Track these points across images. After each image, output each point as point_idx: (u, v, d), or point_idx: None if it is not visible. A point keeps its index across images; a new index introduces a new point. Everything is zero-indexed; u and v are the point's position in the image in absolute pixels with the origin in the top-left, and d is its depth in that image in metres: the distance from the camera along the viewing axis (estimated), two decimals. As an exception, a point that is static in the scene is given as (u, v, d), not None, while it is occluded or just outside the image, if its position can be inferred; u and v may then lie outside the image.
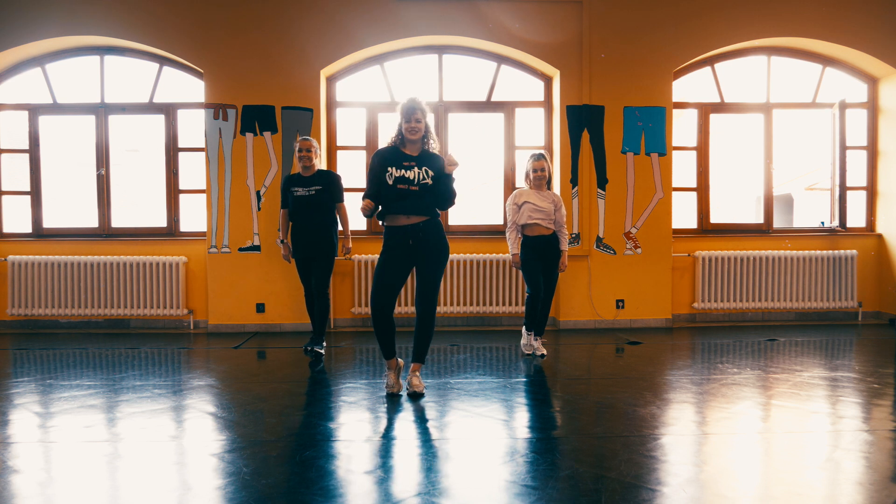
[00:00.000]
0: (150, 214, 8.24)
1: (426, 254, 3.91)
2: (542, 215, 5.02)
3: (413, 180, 3.85)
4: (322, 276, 5.23)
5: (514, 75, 6.97)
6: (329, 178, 5.28)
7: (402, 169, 3.86)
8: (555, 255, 5.12)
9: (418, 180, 3.86)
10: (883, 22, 6.70)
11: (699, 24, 6.63)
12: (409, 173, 3.85)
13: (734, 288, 6.86)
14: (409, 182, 3.84)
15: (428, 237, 3.90)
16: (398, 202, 3.85)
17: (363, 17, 6.46)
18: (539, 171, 5.05)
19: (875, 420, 3.46)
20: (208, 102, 6.48)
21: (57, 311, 6.59)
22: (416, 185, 3.84)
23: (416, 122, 3.91)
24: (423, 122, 3.94)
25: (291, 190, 5.25)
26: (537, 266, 5.06)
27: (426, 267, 3.94)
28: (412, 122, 3.92)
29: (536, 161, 5.07)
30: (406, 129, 3.92)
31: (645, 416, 3.48)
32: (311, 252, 5.21)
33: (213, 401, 3.91)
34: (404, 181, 3.84)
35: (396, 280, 3.90)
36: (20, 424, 3.44)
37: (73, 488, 2.58)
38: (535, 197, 5.06)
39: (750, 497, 2.48)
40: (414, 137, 3.92)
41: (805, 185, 15.67)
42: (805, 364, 4.87)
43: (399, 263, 3.90)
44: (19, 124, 6.90)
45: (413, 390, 3.93)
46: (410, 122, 3.92)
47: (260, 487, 2.54)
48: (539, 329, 5.19)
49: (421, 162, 3.91)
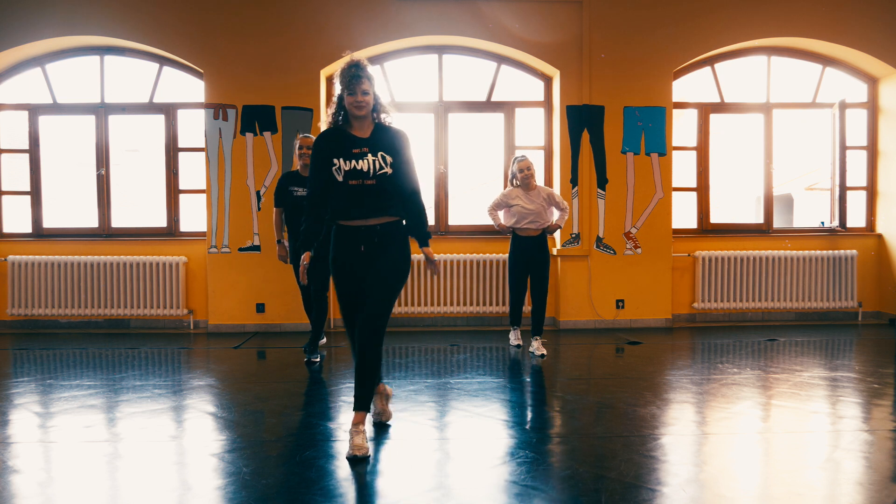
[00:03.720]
0: (150, 214, 8.24)
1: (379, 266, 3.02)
2: (532, 217, 5.17)
3: (368, 172, 2.97)
4: (323, 280, 4.94)
5: (514, 75, 6.97)
6: None
7: (352, 158, 2.97)
8: (542, 255, 5.23)
9: (374, 171, 2.97)
10: (883, 22, 6.70)
11: (699, 23, 6.63)
12: (361, 163, 2.97)
13: (734, 288, 6.86)
14: (363, 175, 2.97)
15: (386, 244, 3.03)
16: (353, 204, 2.98)
17: (363, 17, 6.46)
18: (525, 170, 5.20)
19: (875, 420, 3.46)
20: (208, 102, 6.48)
21: (57, 311, 6.58)
22: (371, 178, 2.97)
23: (362, 95, 2.99)
24: (371, 92, 3.03)
25: (290, 189, 4.97)
26: (522, 269, 5.27)
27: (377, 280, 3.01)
28: (357, 94, 2.98)
29: (521, 162, 5.23)
30: (350, 104, 2.99)
31: (645, 416, 3.48)
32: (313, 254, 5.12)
33: (213, 401, 3.91)
34: (357, 175, 2.97)
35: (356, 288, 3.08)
36: (20, 424, 3.44)
37: (73, 488, 2.58)
38: (524, 199, 5.20)
39: (750, 497, 2.48)
40: (360, 113, 3.01)
41: (805, 185, 15.66)
42: (805, 364, 4.87)
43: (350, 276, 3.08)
44: (19, 124, 6.90)
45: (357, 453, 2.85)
46: (356, 94, 2.98)
47: (260, 487, 2.54)
48: (537, 329, 5.27)
49: (375, 145, 3.01)
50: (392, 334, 6.34)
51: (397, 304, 6.62)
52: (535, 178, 5.24)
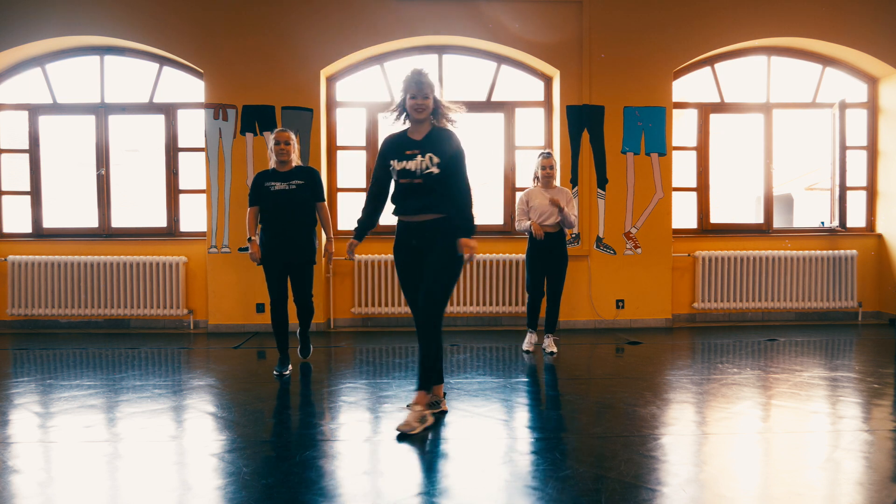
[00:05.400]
0: (150, 214, 8.23)
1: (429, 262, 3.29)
2: (550, 212, 5.14)
3: (415, 171, 3.25)
4: (307, 284, 4.66)
5: (514, 75, 6.97)
6: (310, 173, 4.61)
7: (405, 159, 3.28)
8: (561, 252, 5.20)
9: (421, 170, 3.24)
10: (883, 22, 6.70)
11: (699, 23, 6.63)
12: (410, 164, 3.27)
13: (734, 288, 6.86)
14: (411, 175, 3.27)
15: (434, 239, 3.28)
16: (404, 201, 3.32)
17: (363, 17, 6.46)
18: (547, 168, 5.19)
19: (875, 420, 3.46)
20: (208, 102, 6.48)
21: (57, 311, 6.59)
22: (419, 177, 3.25)
23: (422, 99, 3.27)
24: (431, 97, 3.30)
25: (266, 185, 4.52)
26: (540, 267, 5.22)
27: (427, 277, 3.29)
28: (418, 98, 3.26)
29: (545, 159, 5.22)
30: (410, 106, 3.29)
31: (645, 416, 3.48)
32: (292, 256, 4.55)
33: (213, 401, 3.91)
34: (406, 174, 3.28)
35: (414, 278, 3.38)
36: (20, 424, 3.44)
37: (73, 488, 2.58)
38: (542, 196, 5.18)
39: (750, 497, 2.48)
40: (419, 116, 3.30)
41: (805, 185, 15.66)
42: (805, 364, 4.87)
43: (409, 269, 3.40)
44: (19, 124, 6.89)
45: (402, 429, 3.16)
46: (417, 98, 3.26)
47: (260, 487, 2.54)
48: (550, 327, 5.30)
49: (426, 147, 3.28)
50: (392, 334, 6.34)
51: (398, 305, 6.62)
52: (555, 177, 5.27)
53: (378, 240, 6.73)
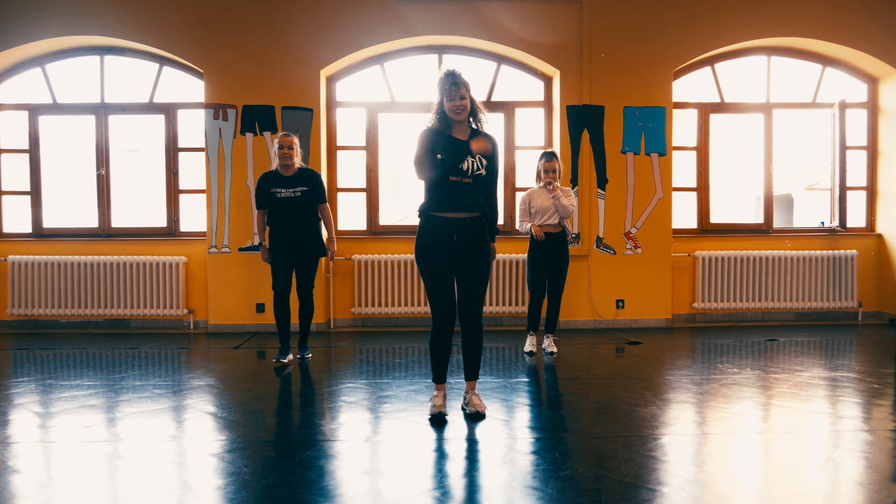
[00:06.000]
0: (150, 214, 8.23)
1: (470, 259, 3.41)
2: (552, 212, 5.12)
3: (467, 171, 3.34)
4: (309, 280, 4.96)
5: (514, 75, 6.97)
6: (312, 177, 4.92)
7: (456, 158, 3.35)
8: (562, 252, 5.19)
9: (472, 171, 3.35)
10: (883, 22, 6.70)
11: (699, 24, 6.63)
12: (463, 163, 3.34)
13: (734, 288, 6.86)
14: (462, 173, 3.33)
15: (473, 236, 3.42)
16: (450, 198, 3.35)
17: (363, 17, 6.46)
18: (550, 171, 5.14)
19: (875, 420, 3.46)
20: (208, 102, 6.48)
21: (57, 311, 6.59)
22: (469, 177, 3.35)
23: (460, 100, 3.32)
24: (468, 97, 3.36)
25: (272, 192, 4.82)
26: (541, 267, 5.20)
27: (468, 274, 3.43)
28: (456, 99, 3.32)
29: (548, 161, 5.16)
30: (449, 109, 3.33)
31: (645, 416, 3.48)
32: (301, 257, 4.88)
33: (213, 401, 3.91)
34: (458, 172, 3.33)
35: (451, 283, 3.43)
36: (20, 424, 3.44)
37: (73, 488, 2.58)
38: (544, 195, 5.16)
39: (750, 497, 2.48)
40: (459, 118, 3.36)
41: (805, 185, 15.65)
42: (805, 364, 4.87)
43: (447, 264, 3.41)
44: (19, 124, 6.89)
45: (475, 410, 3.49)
46: (454, 99, 3.32)
47: (260, 487, 2.54)
48: (550, 327, 5.30)
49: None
50: (392, 334, 6.34)
51: (398, 305, 6.62)
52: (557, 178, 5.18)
53: (379, 240, 6.74)
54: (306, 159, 6.42)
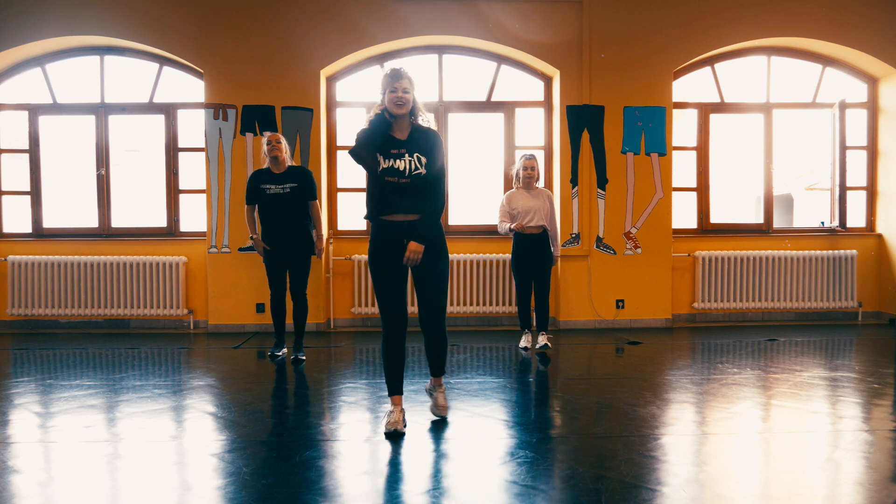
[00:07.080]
0: (150, 214, 8.23)
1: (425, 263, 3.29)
2: (533, 213, 5.22)
3: (404, 171, 3.17)
4: (302, 278, 5.01)
5: (513, 75, 6.96)
6: (304, 174, 4.98)
7: (391, 158, 3.17)
8: (544, 253, 5.27)
9: (410, 171, 3.17)
10: (883, 22, 6.70)
11: (699, 24, 6.63)
12: (398, 163, 3.16)
13: (734, 288, 6.85)
14: (398, 174, 3.17)
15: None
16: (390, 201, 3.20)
17: (363, 17, 6.45)
18: (529, 169, 5.29)
19: (875, 420, 3.46)
20: (208, 102, 6.48)
21: (57, 311, 6.58)
22: (406, 177, 3.17)
23: (402, 93, 3.15)
24: (412, 93, 3.20)
25: (262, 187, 4.92)
26: (525, 266, 5.30)
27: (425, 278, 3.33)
28: (398, 91, 3.15)
29: (528, 160, 5.33)
30: (390, 100, 3.15)
31: (645, 416, 3.48)
32: (289, 254, 4.96)
33: (213, 401, 3.91)
34: (393, 173, 3.17)
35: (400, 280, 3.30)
36: (20, 424, 3.44)
37: (73, 488, 2.58)
38: (525, 197, 5.29)
39: (750, 497, 2.48)
40: (400, 112, 3.17)
41: (805, 185, 15.66)
42: (805, 364, 4.87)
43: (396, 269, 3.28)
44: (19, 124, 6.89)
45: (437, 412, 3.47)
46: (396, 91, 3.15)
47: (260, 487, 2.54)
48: (542, 325, 5.36)
49: (412, 146, 3.21)
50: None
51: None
52: (536, 179, 5.34)
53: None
54: (306, 159, 6.43)
